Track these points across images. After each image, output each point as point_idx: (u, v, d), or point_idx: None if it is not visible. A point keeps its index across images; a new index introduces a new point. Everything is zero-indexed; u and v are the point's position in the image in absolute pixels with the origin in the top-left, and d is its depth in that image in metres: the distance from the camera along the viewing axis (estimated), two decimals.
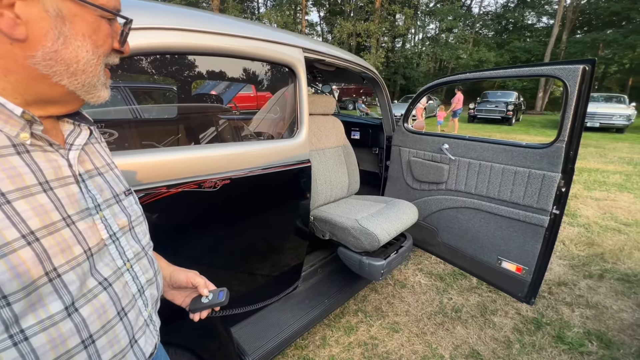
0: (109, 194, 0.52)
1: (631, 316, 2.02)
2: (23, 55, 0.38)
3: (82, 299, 0.43)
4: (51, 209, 0.41)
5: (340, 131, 2.29)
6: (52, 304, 0.39)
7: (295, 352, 1.74)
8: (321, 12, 29.36)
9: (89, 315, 0.43)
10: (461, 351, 1.75)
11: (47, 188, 0.41)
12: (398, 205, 1.99)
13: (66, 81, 0.42)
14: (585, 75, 1.35)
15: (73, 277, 0.41)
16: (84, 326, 0.43)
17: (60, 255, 0.40)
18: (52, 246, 0.39)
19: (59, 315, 0.40)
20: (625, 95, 12.25)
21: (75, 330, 0.42)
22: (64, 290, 0.40)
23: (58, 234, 0.41)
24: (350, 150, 2.32)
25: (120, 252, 0.51)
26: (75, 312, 0.42)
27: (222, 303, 0.71)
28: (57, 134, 0.47)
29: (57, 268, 0.40)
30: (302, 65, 1.44)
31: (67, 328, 0.41)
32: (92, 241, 0.45)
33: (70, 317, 0.41)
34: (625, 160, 6.53)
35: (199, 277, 0.72)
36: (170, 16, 0.99)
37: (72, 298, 0.41)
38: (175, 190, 1.02)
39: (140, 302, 0.54)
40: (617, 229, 3.28)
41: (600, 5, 19.83)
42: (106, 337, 0.46)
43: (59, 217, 0.41)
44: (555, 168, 1.49)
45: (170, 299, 0.74)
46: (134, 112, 2.49)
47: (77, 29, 0.41)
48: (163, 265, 0.74)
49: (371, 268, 1.70)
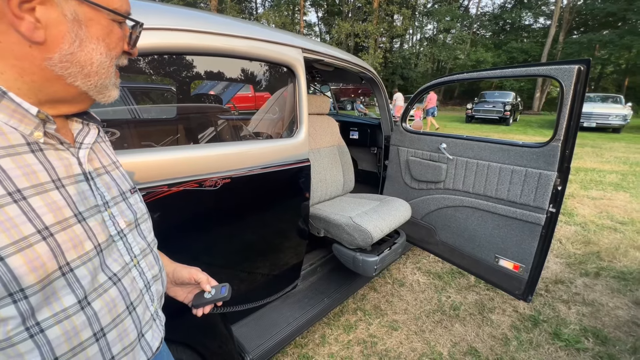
0: (116, 191, 0.53)
1: (627, 313, 2.05)
2: (40, 57, 0.39)
3: (94, 293, 0.44)
4: (64, 206, 0.42)
5: (335, 130, 2.31)
6: (65, 298, 0.41)
7: (295, 350, 1.75)
8: (319, 13, 29.44)
9: (101, 309, 0.45)
10: (459, 348, 1.77)
11: (59, 185, 0.43)
12: (391, 203, 2.03)
13: (80, 82, 0.43)
14: (580, 75, 1.37)
15: (85, 271, 0.43)
16: (95, 319, 0.44)
17: (73, 251, 0.42)
18: (65, 241, 0.41)
19: (73, 308, 0.41)
20: (622, 96, 12.34)
21: (88, 323, 0.43)
22: (76, 284, 0.42)
23: (70, 230, 0.42)
24: (345, 149, 2.35)
25: (128, 248, 0.52)
26: (87, 305, 0.43)
27: (225, 298, 0.72)
28: (66, 132, 0.49)
29: (70, 262, 0.41)
30: (301, 65, 1.45)
31: (80, 321, 0.42)
32: (101, 237, 0.47)
33: (83, 311, 0.42)
34: (621, 160, 6.58)
35: (201, 273, 0.74)
36: (169, 16, 1.00)
37: (85, 292, 0.43)
38: (177, 189, 1.03)
39: (147, 297, 0.55)
40: (613, 227, 3.31)
41: (596, 6, 19.95)
42: (116, 330, 0.47)
43: (71, 214, 0.43)
44: (551, 167, 1.51)
45: (173, 295, 0.75)
46: (133, 112, 2.49)
47: (92, 32, 0.43)
48: (165, 262, 0.75)
49: (365, 264, 1.74)
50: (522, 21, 25.62)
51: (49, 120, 0.42)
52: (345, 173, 2.30)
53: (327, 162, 2.18)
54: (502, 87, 21.08)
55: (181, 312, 0.86)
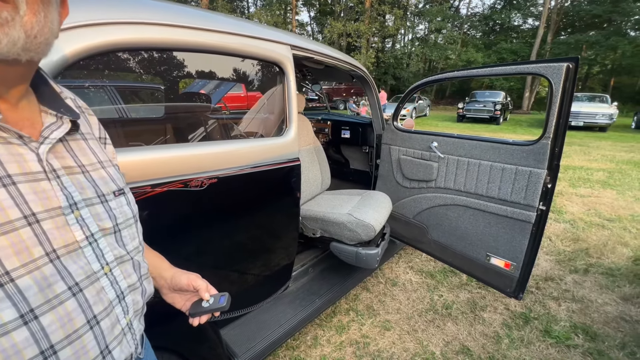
0: (91, 192, 0.49)
1: (615, 309, 2.07)
2: None
3: (46, 305, 0.39)
4: (10, 206, 0.37)
5: (310, 129, 2.32)
6: (4, 312, 0.35)
7: (286, 353, 1.73)
8: (311, 12, 29.39)
9: (51, 324, 0.39)
10: (452, 347, 1.77)
11: (7, 183, 0.38)
12: (375, 196, 2.09)
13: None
14: (569, 73, 1.37)
15: (29, 281, 0.38)
16: (42, 335, 0.39)
17: (14, 258, 0.37)
18: (5, 247, 0.36)
19: (13, 323, 0.36)
20: (608, 95, 12.62)
21: (33, 340, 0.38)
22: (18, 296, 0.37)
23: (14, 234, 0.37)
24: (320, 147, 2.38)
25: (98, 254, 0.47)
26: (33, 320, 0.38)
27: (223, 308, 0.69)
28: (33, 125, 0.44)
29: (10, 272, 0.36)
30: (290, 62, 1.42)
31: (21, 337, 0.37)
32: (58, 242, 0.42)
33: (27, 326, 0.37)
34: (608, 158, 6.72)
35: (200, 280, 0.70)
36: (151, 10, 0.96)
37: (29, 305, 0.38)
38: (160, 190, 0.99)
39: (118, 309, 0.50)
40: (601, 224, 3.37)
41: (583, 7, 20.39)
42: (71, 347, 0.41)
43: (19, 215, 0.38)
44: (541, 164, 1.51)
45: (171, 302, 0.72)
46: (120, 111, 2.43)
47: None
48: (165, 267, 0.71)
49: (368, 257, 1.79)
50: (512, 22, 26.01)
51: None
52: (322, 171, 2.32)
53: (307, 161, 2.18)
54: (492, 86, 21.38)
55: (167, 317, 0.83)
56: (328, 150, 3.41)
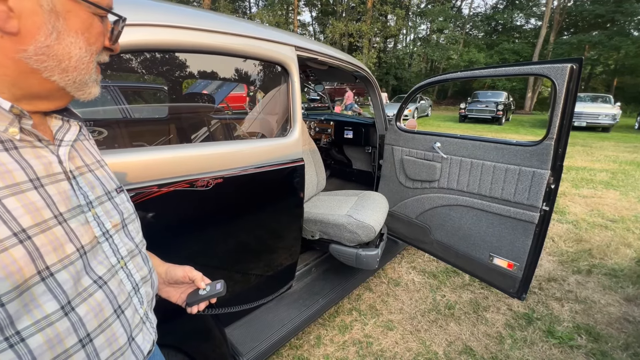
0: (100, 191, 0.51)
1: (618, 310, 2.07)
2: (14, 49, 0.37)
3: (78, 297, 0.42)
4: (42, 207, 0.40)
5: (305, 131, 2.32)
6: (47, 304, 0.39)
7: (290, 352, 1.73)
8: (313, 12, 29.41)
9: (86, 314, 0.43)
10: (454, 347, 1.77)
11: (37, 185, 0.41)
12: (372, 196, 2.09)
13: (57, 77, 0.41)
14: (573, 74, 1.37)
15: (66, 276, 0.41)
16: (80, 325, 0.42)
17: (53, 254, 0.40)
18: (45, 244, 0.39)
19: (55, 315, 0.39)
20: (611, 96, 12.57)
21: (73, 329, 0.41)
22: (58, 289, 0.40)
23: (50, 232, 0.40)
24: (315, 148, 2.38)
25: (114, 249, 0.51)
26: (71, 311, 0.41)
27: (220, 294, 0.71)
28: (45, 129, 0.46)
29: (50, 267, 0.39)
30: (294, 63, 1.43)
31: (64, 328, 0.40)
32: (84, 239, 0.45)
33: (67, 317, 0.41)
34: (611, 159, 6.69)
35: (195, 270, 0.73)
36: (160, 13, 0.97)
37: (68, 297, 0.41)
38: (167, 190, 1.00)
39: (135, 300, 0.54)
40: (604, 225, 3.36)
41: (585, 7, 20.29)
42: (104, 335, 0.45)
43: (50, 215, 0.41)
44: (544, 165, 1.52)
45: (166, 296, 0.73)
46: (124, 112, 2.45)
47: (71, 25, 0.41)
48: (157, 262, 0.73)
49: (368, 258, 1.78)
50: (514, 22, 25.95)
51: (25, 115, 0.40)
52: (318, 173, 2.33)
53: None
54: (494, 87, 21.29)
55: (173, 315, 0.84)
56: (331, 150, 3.42)
